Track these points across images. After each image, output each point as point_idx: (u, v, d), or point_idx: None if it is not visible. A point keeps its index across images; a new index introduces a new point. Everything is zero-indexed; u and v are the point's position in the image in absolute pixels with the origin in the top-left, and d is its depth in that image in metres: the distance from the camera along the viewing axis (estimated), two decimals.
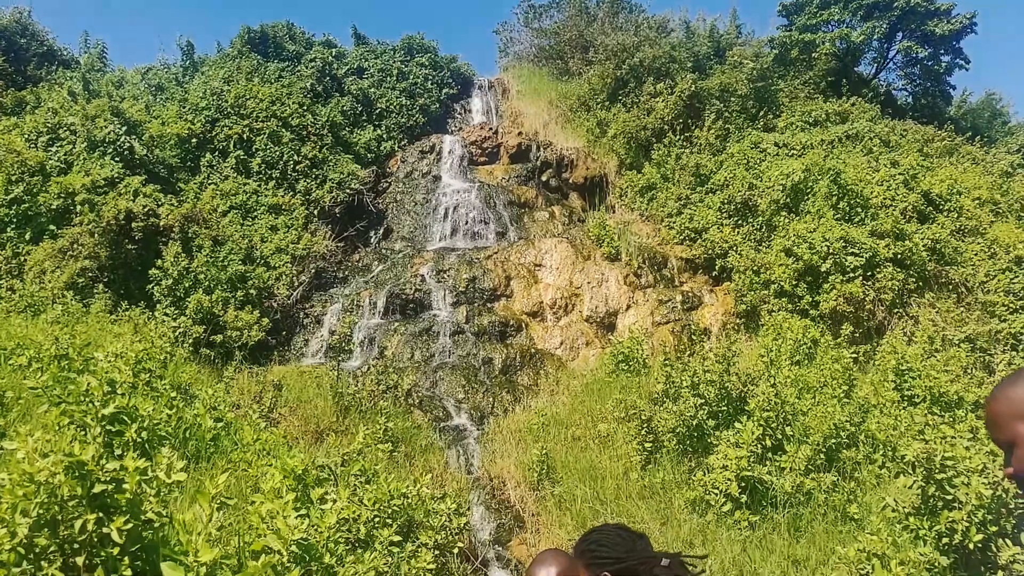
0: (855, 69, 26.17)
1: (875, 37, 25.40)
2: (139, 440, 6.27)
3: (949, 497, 7.00)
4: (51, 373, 6.65)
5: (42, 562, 3.89)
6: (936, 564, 6.70)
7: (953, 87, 26.98)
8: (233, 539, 4.63)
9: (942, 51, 25.40)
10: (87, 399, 6.23)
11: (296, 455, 6.64)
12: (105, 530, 3.92)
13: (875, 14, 24.80)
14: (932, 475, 7.10)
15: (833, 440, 9.58)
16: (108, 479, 3.98)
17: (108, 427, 6.19)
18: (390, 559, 5.54)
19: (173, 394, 7.38)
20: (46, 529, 3.89)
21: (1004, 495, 6.86)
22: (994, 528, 6.84)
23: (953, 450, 7.12)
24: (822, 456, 9.40)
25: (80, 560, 3.88)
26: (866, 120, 21.53)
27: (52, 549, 3.91)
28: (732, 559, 8.07)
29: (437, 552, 6.29)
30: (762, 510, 8.86)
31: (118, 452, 6.18)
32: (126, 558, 3.96)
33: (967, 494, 6.86)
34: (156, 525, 4.16)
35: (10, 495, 3.88)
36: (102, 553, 3.95)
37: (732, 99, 22.14)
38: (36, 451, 3.97)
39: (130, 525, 3.95)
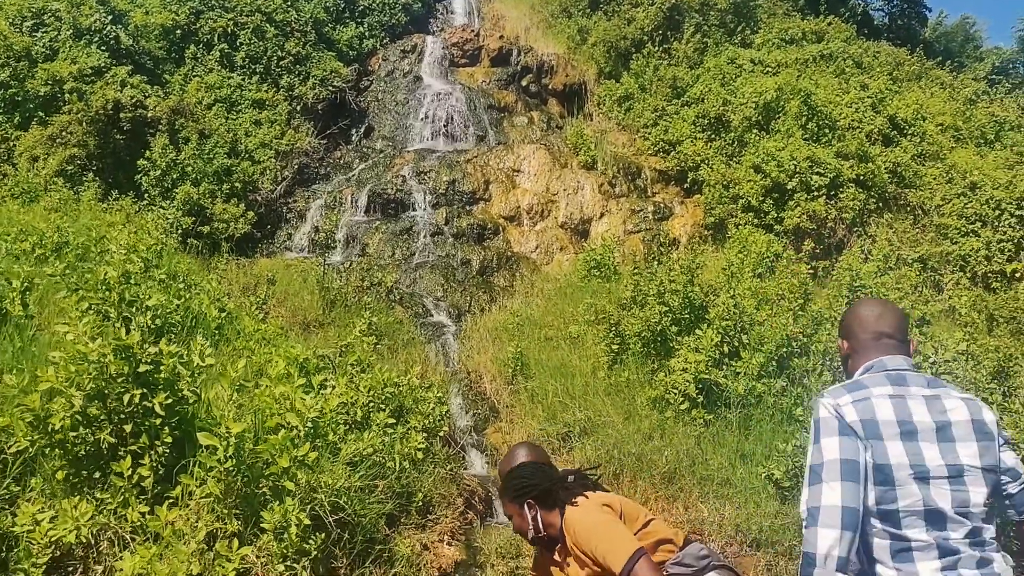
0: None
1: None
2: (152, 327, 6.80)
3: None
4: (69, 261, 7.13)
5: (93, 428, 4.48)
6: None
7: (929, 9, 27.33)
8: (248, 416, 5.21)
9: None
10: (103, 287, 6.72)
11: (296, 345, 7.22)
12: (148, 404, 4.50)
13: None
14: None
15: (785, 349, 10.27)
16: (150, 360, 4.54)
17: (125, 314, 6.71)
18: (385, 439, 6.19)
19: (180, 285, 7.90)
20: (97, 401, 4.46)
21: None
22: None
23: None
24: (774, 363, 10.09)
25: (128, 428, 4.47)
26: (841, 40, 21.81)
27: (102, 418, 4.49)
28: (687, 451, 8.85)
29: (425, 435, 6.96)
30: (716, 409, 9.62)
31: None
32: (166, 428, 4.56)
33: None
34: (191, 402, 4.75)
35: (64, 371, 4.44)
36: (146, 423, 4.53)
37: (712, 13, 22.24)
38: (85, 334, 4.51)
39: (170, 400, 4.54)
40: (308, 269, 14.63)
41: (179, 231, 14.73)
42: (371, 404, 6.58)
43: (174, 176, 15.68)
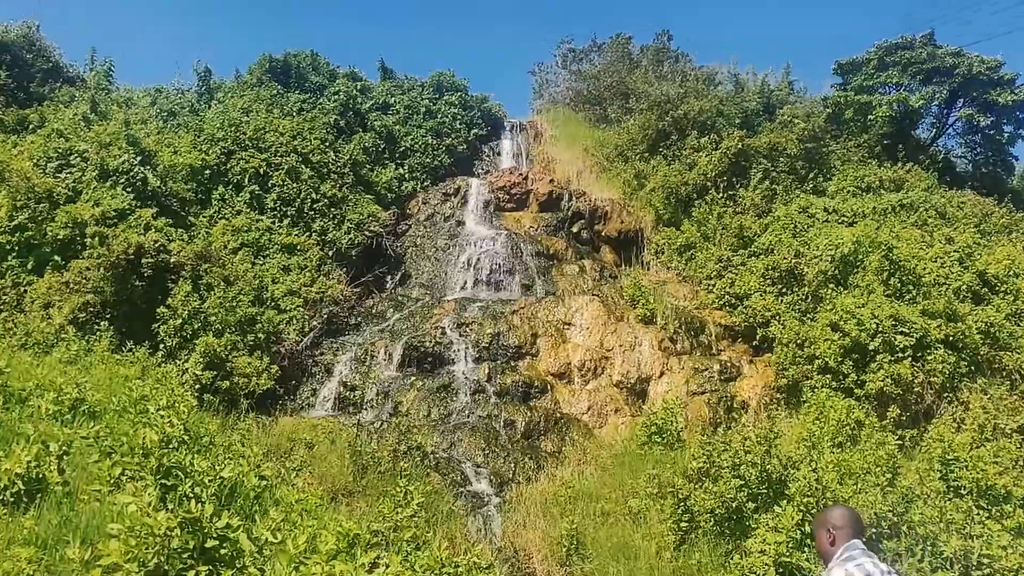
0: (912, 134, 27.13)
1: (934, 103, 26.44)
2: (191, 495, 7.03)
3: None
4: (107, 421, 7.45)
5: None
6: None
7: (1016, 158, 28.05)
8: None
9: (1004, 120, 26.43)
10: (141, 452, 7.00)
11: (341, 518, 7.40)
12: None
13: (935, 79, 25.85)
14: (969, 572, 7.87)
15: (874, 530, 10.25)
16: (217, 536, 4.77)
17: (163, 481, 6.96)
18: None
19: (220, 450, 8.17)
20: None
21: None
22: None
23: (991, 548, 7.86)
24: None
25: None
26: (922, 189, 22.44)
27: None
28: None
29: None
30: None
31: (170, 506, 6.95)
32: None
33: None
34: None
35: (124, 544, 4.67)
36: None
37: (781, 159, 23.11)
38: (150, 505, 4.77)
39: None
40: (337, 430, 14.87)
41: (197, 386, 15.01)
42: None
43: (195, 326, 16.15)
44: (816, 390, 16.44)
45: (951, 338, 16.68)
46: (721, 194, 21.84)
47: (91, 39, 75.13)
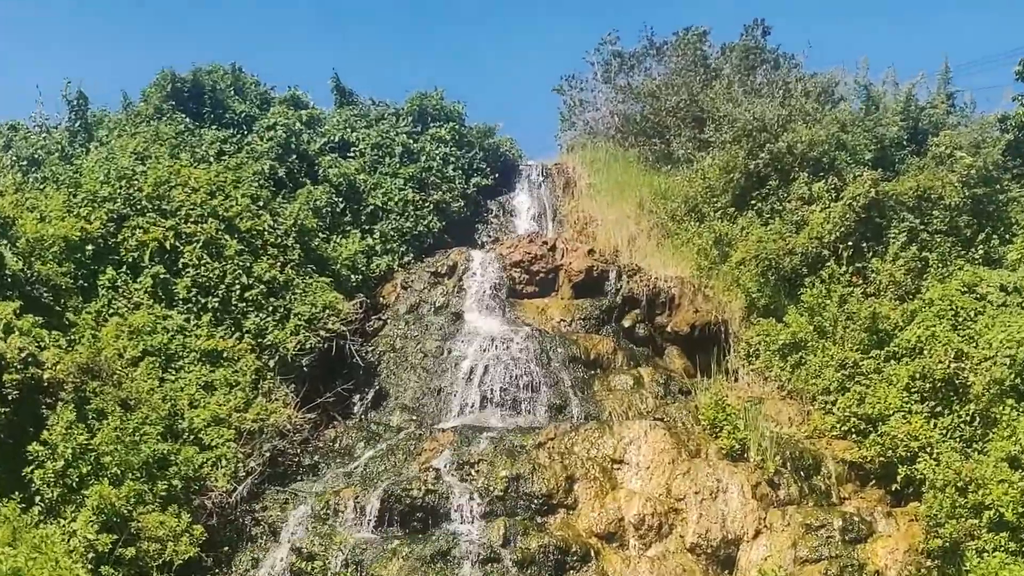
0: None
1: None
2: None
3: None
4: None
5: None
6: None
7: None
8: None
9: None
10: None
11: None
12: None
13: None
14: None
15: None
16: None
17: None
18: None
19: None
20: None
21: None
22: None
23: None
24: None
25: None
26: None
27: None
28: None
29: None
30: None
31: None
32: None
33: None
34: None
35: None
36: None
37: (935, 212, 23.69)
38: None
39: None
40: None
41: (91, 555, 15.60)
42: None
43: (83, 470, 16.71)
44: (986, 555, 16.86)
45: None
46: (844, 267, 22.50)
47: None
